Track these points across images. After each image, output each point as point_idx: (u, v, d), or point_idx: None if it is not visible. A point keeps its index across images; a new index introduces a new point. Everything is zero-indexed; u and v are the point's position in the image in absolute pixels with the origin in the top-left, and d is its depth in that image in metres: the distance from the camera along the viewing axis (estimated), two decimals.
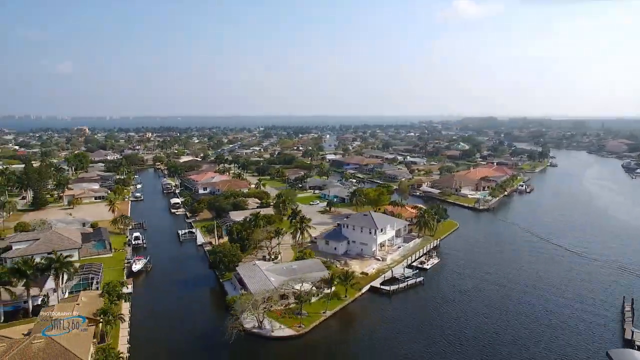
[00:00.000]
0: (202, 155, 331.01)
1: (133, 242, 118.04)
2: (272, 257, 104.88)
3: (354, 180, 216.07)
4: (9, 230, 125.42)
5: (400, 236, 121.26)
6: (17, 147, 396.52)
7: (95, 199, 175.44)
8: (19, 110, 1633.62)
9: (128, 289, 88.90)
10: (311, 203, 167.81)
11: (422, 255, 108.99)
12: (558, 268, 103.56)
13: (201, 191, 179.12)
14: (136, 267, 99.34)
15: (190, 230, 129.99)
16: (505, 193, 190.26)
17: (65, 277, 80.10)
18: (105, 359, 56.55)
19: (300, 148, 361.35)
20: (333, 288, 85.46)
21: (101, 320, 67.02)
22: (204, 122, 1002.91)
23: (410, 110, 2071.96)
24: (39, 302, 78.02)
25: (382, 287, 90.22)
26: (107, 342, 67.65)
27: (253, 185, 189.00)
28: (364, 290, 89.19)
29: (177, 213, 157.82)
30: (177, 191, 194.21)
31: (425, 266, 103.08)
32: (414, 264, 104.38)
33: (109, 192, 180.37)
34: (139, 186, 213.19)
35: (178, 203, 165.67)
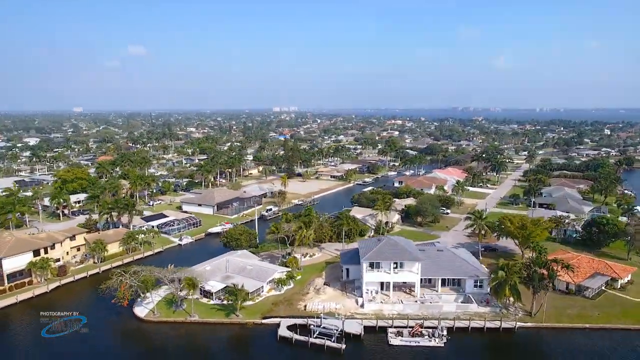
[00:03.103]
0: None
1: (263, 213, 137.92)
2: (288, 254, 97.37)
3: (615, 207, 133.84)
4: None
5: (461, 292, 77.91)
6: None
7: (331, 177, 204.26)
8: (463, 103, 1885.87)
9: (181, 241, 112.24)
10: None
11: (421, 327, 67.98)
12: None
13: (396, 184, 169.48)
14: (211, 229, 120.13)
15: None
16: None
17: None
18: (34, 265, 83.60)
19: None
20: (244, 302, 75.64)
21: (91, 245, 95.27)
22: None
23: None
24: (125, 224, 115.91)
25: (281, 328, 68.61)
26: (98, 264, 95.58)
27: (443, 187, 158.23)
28: (267, 320, 71.65)
29: None
30: None
31: (393, 340, 65.55)
32: (391, 330, 68.13)
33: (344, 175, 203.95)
34: (391, 173, 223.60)
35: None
